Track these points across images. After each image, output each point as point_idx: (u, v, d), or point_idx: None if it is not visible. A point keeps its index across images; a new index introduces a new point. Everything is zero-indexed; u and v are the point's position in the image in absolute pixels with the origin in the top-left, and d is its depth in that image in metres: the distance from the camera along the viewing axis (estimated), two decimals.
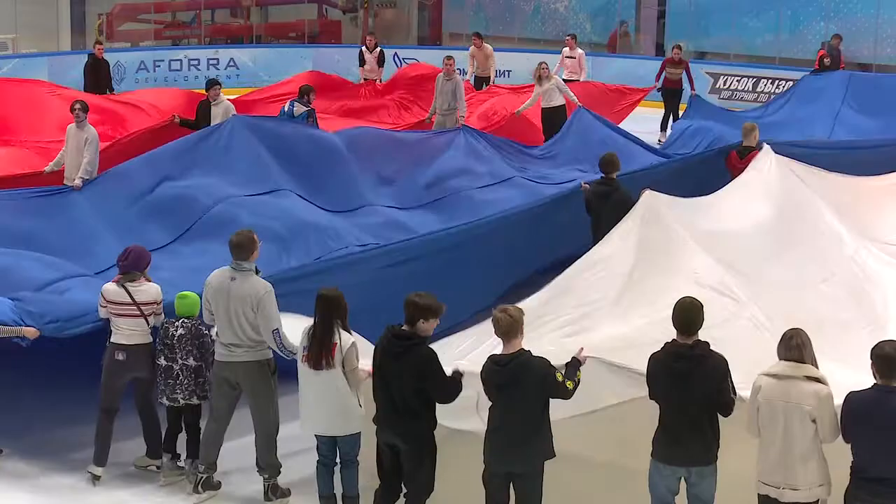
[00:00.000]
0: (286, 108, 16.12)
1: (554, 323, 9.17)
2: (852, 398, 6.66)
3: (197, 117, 15.95)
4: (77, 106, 13.88)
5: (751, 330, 8.93)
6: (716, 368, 7.03)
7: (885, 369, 6.56)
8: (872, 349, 6.66)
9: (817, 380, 6.71)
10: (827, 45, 24.05)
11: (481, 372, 7.29)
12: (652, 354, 7.24)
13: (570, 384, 7.23)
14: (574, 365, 7.34)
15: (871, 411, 6.56)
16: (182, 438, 8.94)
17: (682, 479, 7.19)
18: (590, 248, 10.26)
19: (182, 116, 16.07)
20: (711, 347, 7.12)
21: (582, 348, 7.51)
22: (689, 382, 7.04)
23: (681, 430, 7.12)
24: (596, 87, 21.30)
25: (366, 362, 7.84)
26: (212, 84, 16.36)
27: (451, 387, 7.49)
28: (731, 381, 7.06)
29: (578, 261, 9.91)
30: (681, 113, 20.29)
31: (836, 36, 24.09)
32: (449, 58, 18.53)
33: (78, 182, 12.95)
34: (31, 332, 8.91)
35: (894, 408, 6.50)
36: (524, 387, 7.14)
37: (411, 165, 14.62)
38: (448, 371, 7.52)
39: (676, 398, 7.09)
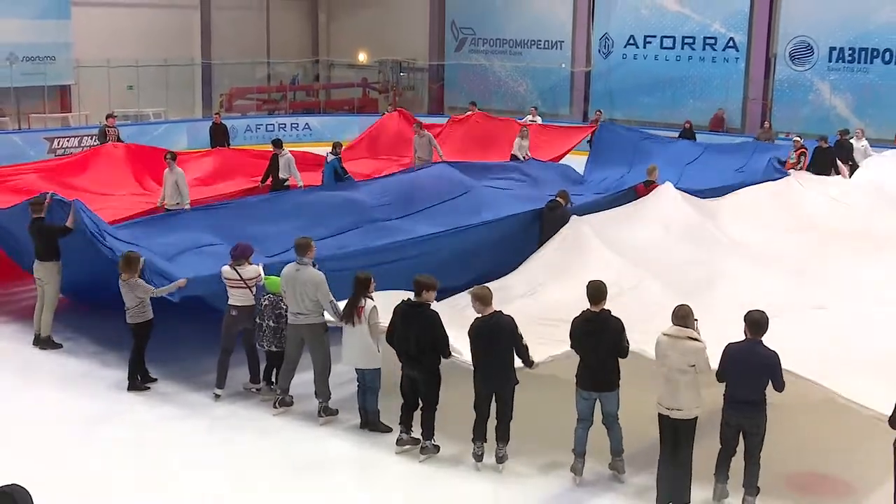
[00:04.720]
0: (329, 159, 15.01)
1: (514, 293, 9.19)
2: (730, 347, 6.55)
3: (270, 165, 14.72)
4: (168, 156, 13.23)
5: (643, 298, 8.78)
6: (615, 327, 6.87)
7: (752, 328, 6.49)
8: (745, 315, 6.52)
9: (696, 339, 6.57)
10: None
11: (470, 329, 7.15)
12: (574, 318, 7.05)
13: (528, 352, 7.09)
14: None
15: (742, 356, 6.48)
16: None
17: (596, 400, 7.01)
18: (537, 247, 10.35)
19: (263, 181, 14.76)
20: (615, 312, 6.92)
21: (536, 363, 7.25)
22: (597, 337, 6.89)
23: (593, 368, 6.96)
24: (555, 127, 21.35)
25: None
26: (274, 140, 15.23)
27: (446, 343, 7.34)
28: (626, 336, 6.88)
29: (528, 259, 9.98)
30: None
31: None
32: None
33: (187, 206, 12.63)
34: (181, 282, 8.74)
35: (757, 354, 6.45)
36: (500, 334, 7.06)
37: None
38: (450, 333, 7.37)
39: (590, 347, 6.94)
